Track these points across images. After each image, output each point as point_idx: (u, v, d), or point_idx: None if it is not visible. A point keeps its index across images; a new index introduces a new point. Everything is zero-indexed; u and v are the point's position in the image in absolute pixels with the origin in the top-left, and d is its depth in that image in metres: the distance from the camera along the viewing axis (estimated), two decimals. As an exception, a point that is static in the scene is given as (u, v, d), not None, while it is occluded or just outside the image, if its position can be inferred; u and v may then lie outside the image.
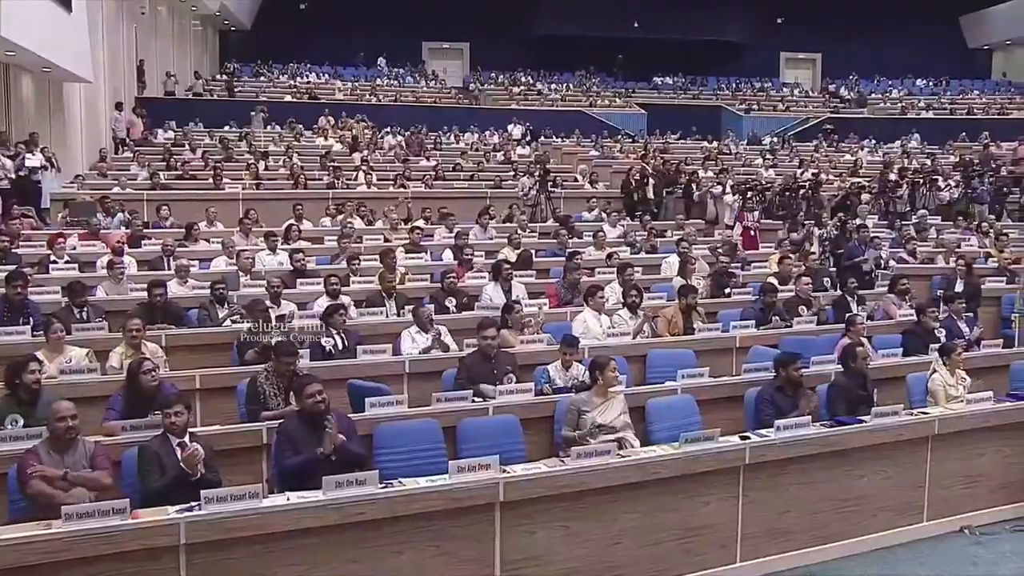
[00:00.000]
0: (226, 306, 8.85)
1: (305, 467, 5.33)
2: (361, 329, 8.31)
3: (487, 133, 25.92)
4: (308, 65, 31.55)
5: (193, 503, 4.69)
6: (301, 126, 23.44)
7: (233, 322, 8.48)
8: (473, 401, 6.65)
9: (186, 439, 5.34)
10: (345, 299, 9.04)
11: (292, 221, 13.03)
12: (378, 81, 31.06)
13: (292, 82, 29.81)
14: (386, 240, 12.83)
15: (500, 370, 7.14)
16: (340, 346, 7.82)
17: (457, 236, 12.21)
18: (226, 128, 23.53)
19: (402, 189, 17.03)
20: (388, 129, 24.00)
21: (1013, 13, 35.29)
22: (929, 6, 35.25)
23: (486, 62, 34.33)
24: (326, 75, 31.24)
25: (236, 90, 28.36)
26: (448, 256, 11.82)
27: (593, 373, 6.55)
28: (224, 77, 30.10)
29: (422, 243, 12.37)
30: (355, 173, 18.16)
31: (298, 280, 10.09)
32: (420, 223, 13.84)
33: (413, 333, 8.11)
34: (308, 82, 30.04)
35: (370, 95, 29.07)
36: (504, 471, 5.37)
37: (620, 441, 6.31)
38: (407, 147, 22.05)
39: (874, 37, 35.37)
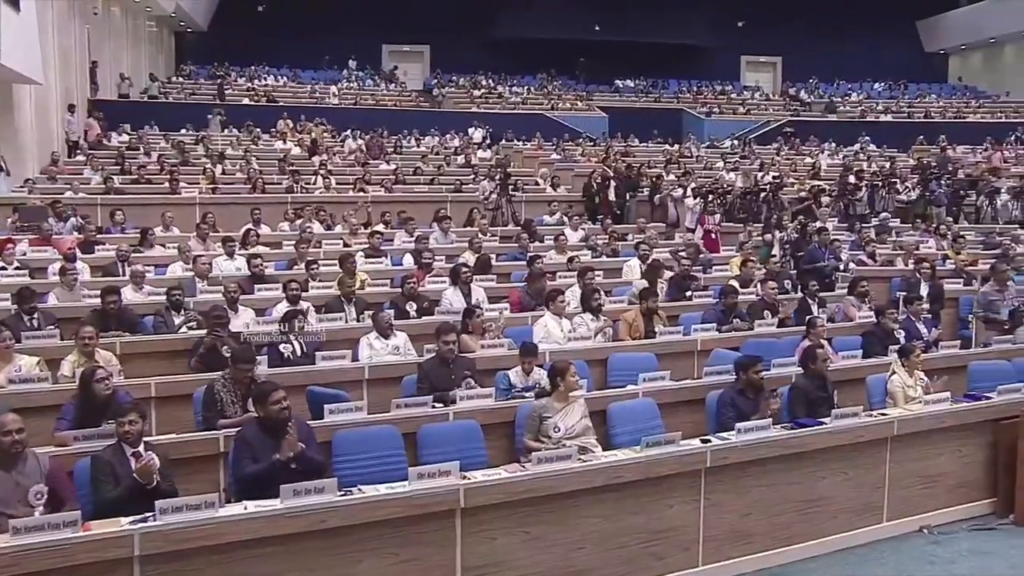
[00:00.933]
0: (182, 312, 8.76)
1: (264, 475, 5.28)
2: (320, 335, 8.27)
3: (448, 136, 25.91)
4: (266, 67, 31.33)
5: (148, 514, 4.62)
6: (259, 129, 23.28)
7: (190, 328, 8.40)
8: (433, 407, 6.64)
9: (141, 448, 5.27)
10: (305, 305, 8.99)
11: (250, 226, 12.93)
12: (338, 84, 30.92)
13: (250, 84, 29.59)
14: (345, 245, 12.79)
15: (458, 375, 7.14)
16: (299, 352, 7.79)
17: (417, 240, 12.20)
18: (182, 131, 23.29)
19: (362, 193, 16.96)
20: (348, 132, 23.90)
21: (968, 18, 36.05)
22: (887, 11, 35.85)
23: (447, 65, 34.35)
24: (284, 78, 31.05)
25: (192, 93, 28.09)
26: (408, 261, 11.80)
27: (553, 378, 6.56)
28: (180, 79, 29.80)
29: (382, 247, 12.34)
30: (314, 177, 18.07)
31: (256, 285, 10.02)
32: (380, 227, 13.81)
33: (372, 339, 8.10)
34: (266, 85, 29.84)
35: (330, 98, 28.94)
36: (465, 477, 5.36)
37: (581, 446, 6.33)
38: (367, 150, 21.98)
39: (834, 41, 35.89)
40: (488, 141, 25.29)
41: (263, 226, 13.70)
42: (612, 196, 16.93)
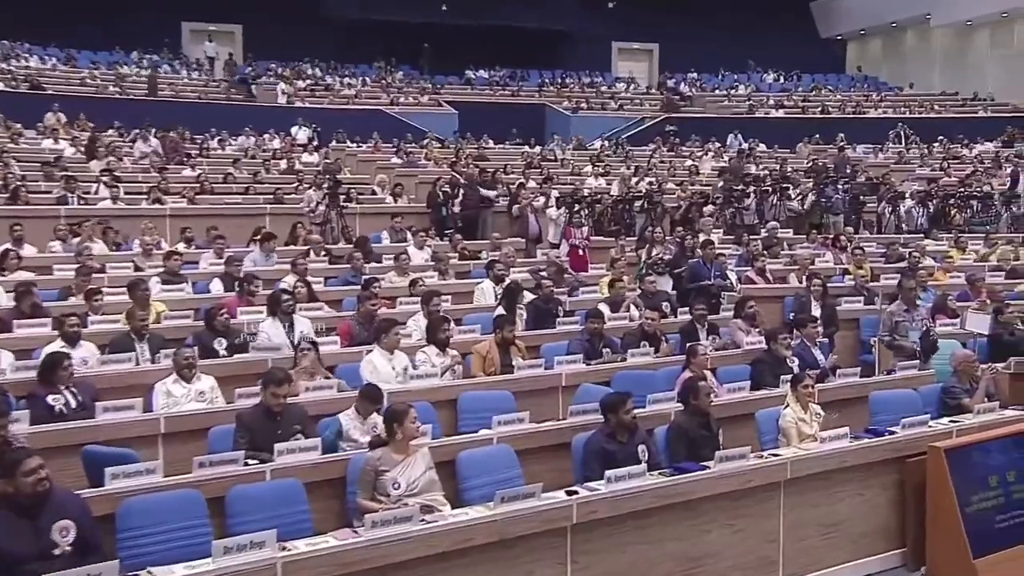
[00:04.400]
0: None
1: (18, 569, 5.02)
2: (100, 380, 8.03)
3: (266, 136, 25.59)
4: (27, 46, 29.93)
5: None
6: (20, 124, 22.37)
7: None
8: (246, 464, 6.51)
9: None
10: (89, 347, 8.74)
11: (9, 245, 12.42)
12: (127, 69, 30.06)
13: (5, 66, 28.06)
14: (137, 269, 12.44)
15: (287, 429, 7.04)
16: (72, 403, 7.51)
17: (228, 262, 11.96)
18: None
19: (158, 205, 16.53)
20: (139, 130, 23.23)
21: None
22: (777, -8, 37.49)
23: (263, 49, 33.89)
24: (54, 59, 29.84)
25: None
26: (217, 287, 11.58)
27: (390, 424, 6.53)
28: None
29: (182, 272, 12.04)
30: (95, 185, 17.49)
31: (18, 321, 9.61)
32: (180, 247, 13.47)
33: (170, 384, 7.91)
34: (28, 68, 28.48)
35: (115, 86, 28.11)
36: (284, 548, 5.30)
37: (426, 504, 6.31)
38: (163, 153, 21.46)
39: (717, 26, 37.22)
40: (315, 143, 25.07)
41: (27, 246, 13.16)
42: (456, 207, 17.03)
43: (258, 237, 13.73)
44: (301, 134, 25.88)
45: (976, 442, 7.72)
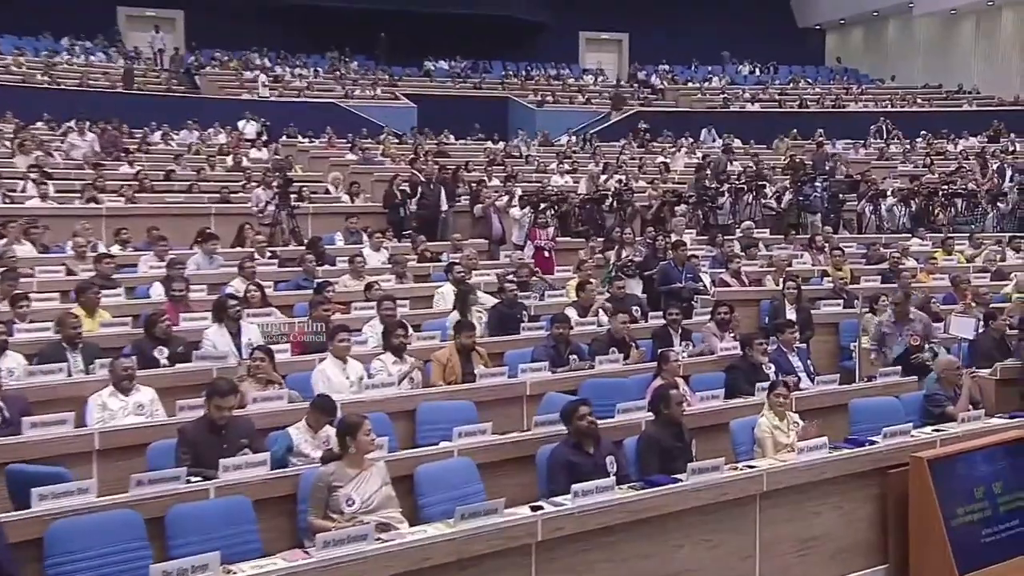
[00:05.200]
0: None
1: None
2: (28, 393, 7.96)
3: (210, 131, 25.49)
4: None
5: None
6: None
7: None
8: (189, 481, 6.46)
9: None
10: (15, 356, 8.63)
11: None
12: (57, 57, 29.75)
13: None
14: (70, 273, 12.32)
15: (233, 443, 7.00)
16: (-2, 417, 7.44)
17: (170, 265, 11.88)
18: None
19: (93, 204, 16.39)
20: (72, 124, 23.04)
21: (847, -15, 38.37)
22: (752, -22, 37.78)
23: (208, 37, 33.67)
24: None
25: None
26: (158, 291, 11.49)
27: (343, 437, 6.52)
28: None
29: (117, 276, 11.94)
30: (22, 183, 17.31)
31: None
32: (115, 249, 13.38)
33: (106, 397, 7.84)
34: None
35: (43, 76, 27.83)
36: (229, 572, 5.28)
37: (382, 521, 6.30)
38: (100, 148, 21.29)
39: (690, 15, 37.47)
40: (264, 137, 24.99)
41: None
42: (414, 206, 17.01)
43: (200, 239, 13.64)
44: (249, 128, 25.75)
45: (961, 452, 7.79)
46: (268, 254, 13.93)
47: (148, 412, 7.90)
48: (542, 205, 16.05)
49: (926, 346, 10.46)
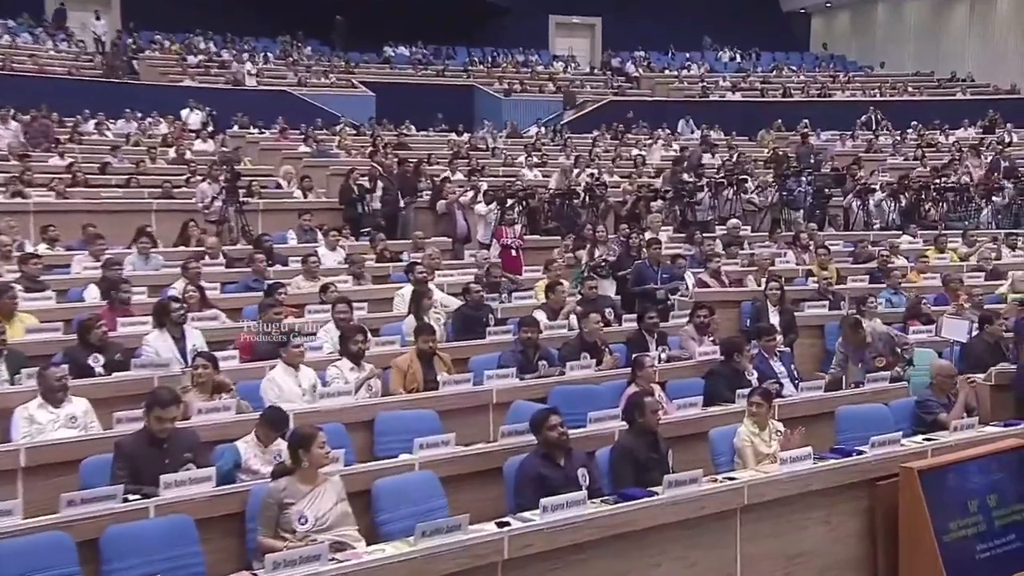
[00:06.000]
0: None
1: None
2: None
3: (150, 120, 25.37)
4: None
5: None
6: None
7: None
8: (126, 500, 6.42)
9: None
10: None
11: None
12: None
13: None
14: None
15: (175, 458, 6.95)
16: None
17: (107, 266, 11.80)
18: None
19: (19, 199, 16.26)
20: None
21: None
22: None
23: (147, 18, 33.39)
24: None
25: None
26: (93, 294, 11.41)
27: (295, 450, 6.50)
28: None
29: (45, 277, 11.82)
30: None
31: None
32: (42, 248, 13.33)
33: (34, 409, 7.78)
34: None
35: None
36: (171, 596, 5.24)
37: (337, 541, 6.29)
38: (27, 138, 21.15)
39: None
40: (210, 128, 24.88)
41: None
42: (377, 203, 16.98)
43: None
44: (193, 118, 25.64)
45: (954, 462, 7.81)
46: (219, 254, 13.85)
47: (81, 425, 7.83)
48: (509, 201, 16.05)
49: (901, 355, 10.45)
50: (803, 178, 18.62)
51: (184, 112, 25.97)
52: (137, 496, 6.52)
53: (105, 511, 6.26)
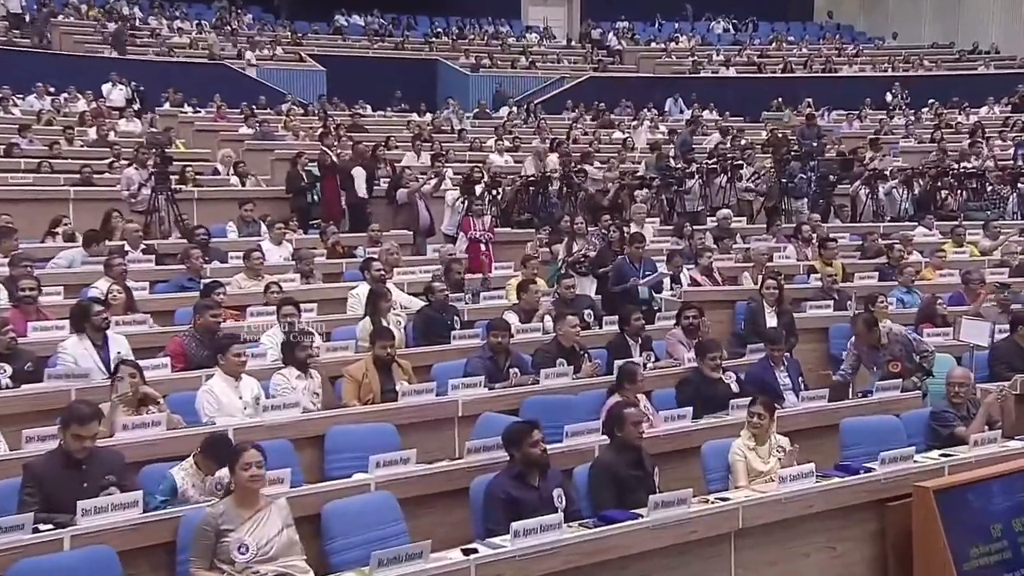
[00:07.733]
0: None
1: None
2: None
3: (65, 96, 25.26)
4: None
5: None
6: None
7: None
8: (36, 530, 6.37)
9: None
10: None
11: None
12: None
13: None
14: None
15: (95, 481, 6.90)
16: None
17: (13, 262, 11.75)
18: None
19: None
20: None
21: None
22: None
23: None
24: None
25: None
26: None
27: (233, 469, 6.50)
28: None
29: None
30: None
31: None
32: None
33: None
34: None
35: None
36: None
37: (282, 572, 6.31)
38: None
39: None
40: (136, 106, 24.81)
41: None
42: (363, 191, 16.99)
43: (57, 229, 13.48)
44: (116, 94, 25.57)
45: (974, 481, 7.84)
46: (142, 247, 13.78)
47: (-8, 444, 7.81)
48: (478, 189, 16.05)
49: (919, 364, 10.42)
50: (806, 164, 18.50)
51: (105, 87, 25.81)
52: (50, 526, 6.47)
53: (12, 543, 6.19)
